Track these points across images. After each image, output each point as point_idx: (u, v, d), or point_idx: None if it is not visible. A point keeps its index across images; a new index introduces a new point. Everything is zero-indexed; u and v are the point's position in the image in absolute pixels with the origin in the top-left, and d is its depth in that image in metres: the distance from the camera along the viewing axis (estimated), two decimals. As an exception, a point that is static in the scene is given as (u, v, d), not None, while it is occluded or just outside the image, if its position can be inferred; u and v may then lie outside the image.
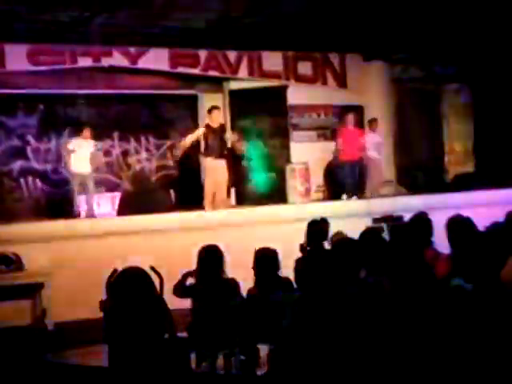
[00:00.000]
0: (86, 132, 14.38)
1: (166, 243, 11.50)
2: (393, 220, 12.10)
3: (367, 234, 8.21)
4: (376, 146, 15.97)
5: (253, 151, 16.75)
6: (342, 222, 9.89)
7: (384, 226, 11.39)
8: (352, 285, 5.95)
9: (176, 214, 13.12)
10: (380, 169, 16.07)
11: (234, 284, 7.23)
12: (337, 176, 16.31)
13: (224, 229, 11.79)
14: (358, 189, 15.63)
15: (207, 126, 13.93)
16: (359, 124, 16.70)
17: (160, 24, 14.60)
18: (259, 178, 16.96)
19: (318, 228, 8.94)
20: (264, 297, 6.81)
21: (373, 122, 16.27)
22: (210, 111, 14.20)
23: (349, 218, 11.97)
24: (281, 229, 12.00)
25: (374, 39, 16.42)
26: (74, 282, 10.69)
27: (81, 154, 14.23)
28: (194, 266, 7.36)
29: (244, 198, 16.47)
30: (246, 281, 7.38)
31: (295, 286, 7.23)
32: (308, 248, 8.72)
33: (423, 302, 5.75)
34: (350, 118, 16.04)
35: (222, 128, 14.17)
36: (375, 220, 12.42)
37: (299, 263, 8.08)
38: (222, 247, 7.45)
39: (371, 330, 5.13)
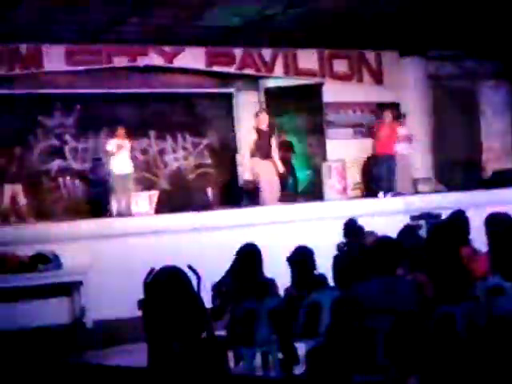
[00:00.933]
0: (121, 131, 14.48)
1: (204, 241, 11.51)
2: (431, 217, 12.01)
3: (405, 231, 8.20)
4: (404, 141, 15.92)
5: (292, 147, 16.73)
6: (379, 219, 9.85)
7: (422, 223, 11.34)
8: (390, 282, 5.93)
9: (213, 212, 13.15)
10: (408, 164, 16.00)
11: (271, 283, 7.23)
12: (373, 173, 16.24)
13: (261, 227, 11.78)
14: (393, 186, 15.54)
15: (256, 128, 14.03)
16: (396, 120, 16.60)
17: (196, 23, 14.62)
18: (301, 175, 16.97)
19: (353, 227, 8.91)
20: (301, 295, 6.80)
21: (401, 116, 16.22)
22: (257, 114, 14.32)
23: (386, 215, 11.93)
24: (317, 226, 11.99)
25: (409, 35, 16.32)
26: (112, 281, 10.74)
27: (120, 155, 14.34)
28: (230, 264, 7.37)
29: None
30: (282, 278, 7.37)
31: (331, 282, 7.24)
32: (345, 247, 8.70)
33: (459, 300, 5.72)
34: (387, 114, 15.97)
35: (270, 129, 14.21)
36: (413, 217, 12.33)
37: (337, 261, 8.08)
38: (259, 245, 7.45)
39: (413, 330, 5.11)
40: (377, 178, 15.88)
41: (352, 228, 8.92)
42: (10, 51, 14.52)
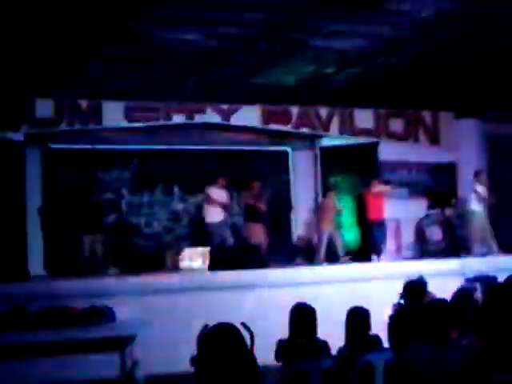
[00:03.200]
0: (222, 181, 14.66)
1: (257, 299, 11.50)
2: (486, 280, 11.84)
3: (459, 294, 8.08)
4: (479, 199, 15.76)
5: (344, 207, 16.69)
6: (433, 280, 9.72)
7: (477, 285, 11.18)
8: (442, 347, 5.85)
9: (266, 270, 13.15)
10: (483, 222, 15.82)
11: (324, 345, 7.18)
12: (425, 234, 16.16)
13: (315, 286, 11.75)
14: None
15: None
16: (452, 181, 16.53)
17: (252, 81, 14.78)
18: (350, 235, 16.89)
19: (414, 286, 8.81)
20: (354, 357, 6.73)
21: (478, 173, 16.06)
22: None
23: (440, 276, 11.79)
24: (371, 286, 11.91)
25: (466, 97, 16.30)
26: (165, 336, 10.76)
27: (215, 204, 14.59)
28: (285, 323, 7.32)
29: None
30: (333, 338, 7.31)
31: (385, 343, 7.15)
32: (401, 306, 8.60)
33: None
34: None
35: None
36: (468, 280, 12.18)
37: (392, 320, 7.98)
38: (312, 304, 7.41)
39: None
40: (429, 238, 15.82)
41: (415, 288, 8.79)
42: (70, 106, 14.82)
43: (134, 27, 11.20)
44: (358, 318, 7.09)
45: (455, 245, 15.94)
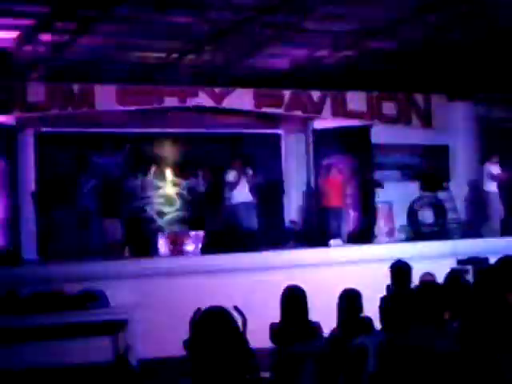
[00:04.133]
0: (237, 163, 14.97)
1: (250, 282, 11.53)
2: (478, 262, 11.91)
3: (452, 275, 8.12)
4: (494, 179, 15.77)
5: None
6: (426, 262, 9.78)
7: (469, 267, 11.24)
8: (436, 328, 5.87)
9: (260, 253, 13.17)
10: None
11: (316, 326, 7.20)
12: (417, 216, 16.21)
13: (308, 268, 11.78)
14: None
15: None
16: (445, 164, 16.55)
17: (245, 64, 14.77)
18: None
19: (400, 269, 8.85)
20: (346, 339, 6.76)
21: (490, 155, 16.06)
22: None
23: (433, 259, 11.84)
24: (365, 269, 11.95)
25: (458, 79, 16.30)
26: (158, 320, 10.78)
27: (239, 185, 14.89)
28: (277, 306, 7.35)
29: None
30: (327, 321, 7.34)
31: (376, 325, 7.18)
32: (393, 288, 8.64)
33: (505, 347, 5.63)
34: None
35: None
36: (460, 261, 12.24)
37: (384, 302, 8.01)
38: (305, 287, 7.43)
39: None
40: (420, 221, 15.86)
41: (398, 270, 8.84)
42: (62, 90, 14.79)
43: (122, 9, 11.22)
44: (350, 300, 7.12)
45: (447, 227, 15.98)
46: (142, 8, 11.46)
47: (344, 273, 11.72)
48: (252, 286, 11.42)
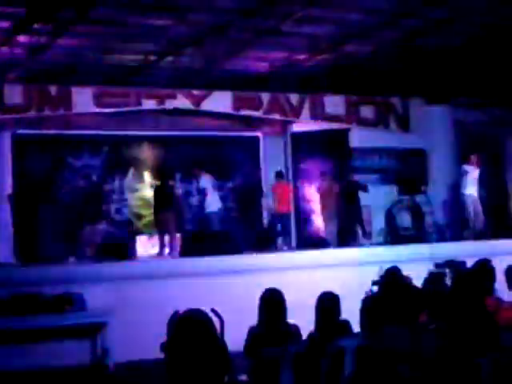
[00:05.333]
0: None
1: (227, 285, 11.51)
2: (455, 265, 11.93)
3: (429, 279, 8.16)
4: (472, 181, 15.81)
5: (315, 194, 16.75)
6: (404, 265, 9.80)
7: (446, 271, 11.26)
8: (413, 331, 5.89)
9: (237, 256, 13.14)
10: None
11: (295, 330, 7.19)
12: (395, 219, 16.24)
13: (286, 271, 11.76)
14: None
15: None
16: (423, 167, 16.61)
17: (223, 67, 14.77)
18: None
19: (391, 276, 8.84)
20: (324, 342, 6.76)
21: (469, 156, 16.07)
22: None
23: (411, 262, 11.85)
24: (343, 272, 11.96)
25: (436, 84, 16.38)
26: (135, 323, 10.74)
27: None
28: (255, 309, 7.34)
29: (305, 241, 16.44)
30: (304, 324, 7.34)
31: (354, 328, 7.19)
32: (372, 292, 8.66)
33: (483, 350, 5.66)
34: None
35: None
36: (437, 265, 12.26)
37: (365, 304, 8.00)
38: (283, 290, 7.43)
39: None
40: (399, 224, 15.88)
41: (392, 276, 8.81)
42: (39, 92, 14.71)
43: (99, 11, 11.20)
44: (327, 303, 7.11)
45: (424, 231, 16.02)
46: (120, 10, 11.44)
47: (320, 276, 11.70)
48: (229, 289, 11.39)
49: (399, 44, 13.73)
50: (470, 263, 9.21)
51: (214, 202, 15.09)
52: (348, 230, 15.76)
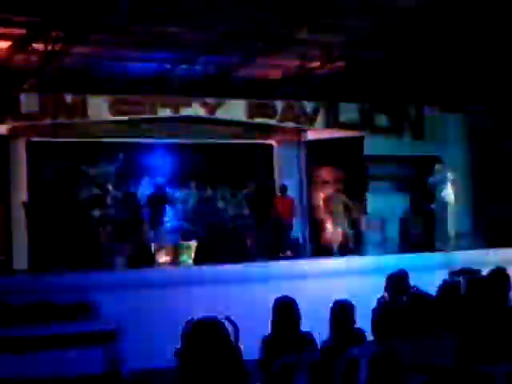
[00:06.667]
0: None
1: (242, 293, 11.49)
2: (470, 274, 11.88)
3: (443, 287, 8.11)
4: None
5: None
6: (418, 274, 9.76)
7: (461, 279, 11.21)
8: (428, 340, 5.87)
9: (252, 263, 13.14)
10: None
11: (310, 338, 7.17)
12: (410, 227, 16.20)
13: (301, 280, 11.75)
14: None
15: None
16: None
17: (237, 75, 14.79)
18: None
19: (396, 279, 8.82)
20: (339, 351, 6.74)
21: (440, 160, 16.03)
22: None
23: (425, 270, 11.82)
24: (357, 280, 11.93)
25: (450, 91, 16.34)
26: (149, 331, 10.74)
27: None
28: (270, 317, 7.32)
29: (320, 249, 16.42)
30: (319, 332, 7.32)
31: (369, 336, 7.16)
32: (384, 300, 8.62)
33: (498, 360, 5.63)
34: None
35: None
36: (452, 273, 12.22)
37: (377, 314, 7.99)
38: (298, 298, 7.41)
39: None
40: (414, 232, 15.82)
41: (396, 281, 8.80)
42: (54, 100, 14.76)
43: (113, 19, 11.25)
44: (342, 311, 7.09)
45: (439, 239, 15.93)
46: (134, 18, 11.47)
47: (333, 284, 11.67)
48: (244, 297, 11.38)
49: (412, 51, 13.70)
50: (484, 272, 9.19)
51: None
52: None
